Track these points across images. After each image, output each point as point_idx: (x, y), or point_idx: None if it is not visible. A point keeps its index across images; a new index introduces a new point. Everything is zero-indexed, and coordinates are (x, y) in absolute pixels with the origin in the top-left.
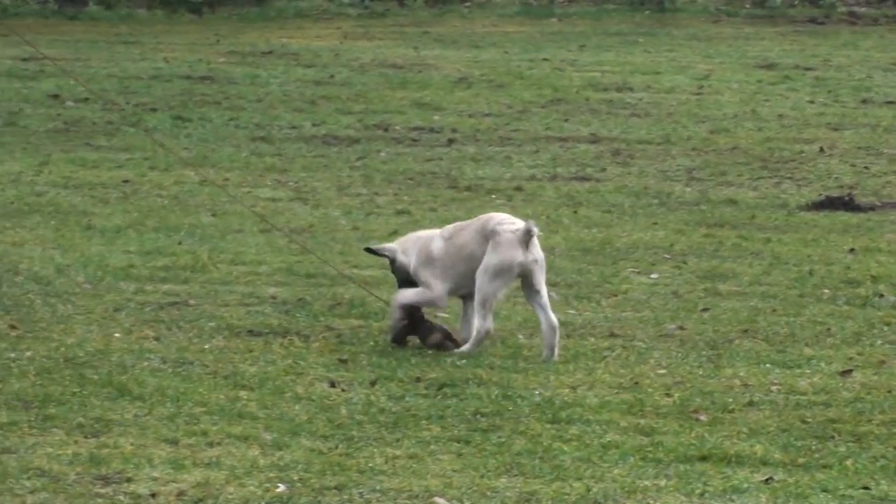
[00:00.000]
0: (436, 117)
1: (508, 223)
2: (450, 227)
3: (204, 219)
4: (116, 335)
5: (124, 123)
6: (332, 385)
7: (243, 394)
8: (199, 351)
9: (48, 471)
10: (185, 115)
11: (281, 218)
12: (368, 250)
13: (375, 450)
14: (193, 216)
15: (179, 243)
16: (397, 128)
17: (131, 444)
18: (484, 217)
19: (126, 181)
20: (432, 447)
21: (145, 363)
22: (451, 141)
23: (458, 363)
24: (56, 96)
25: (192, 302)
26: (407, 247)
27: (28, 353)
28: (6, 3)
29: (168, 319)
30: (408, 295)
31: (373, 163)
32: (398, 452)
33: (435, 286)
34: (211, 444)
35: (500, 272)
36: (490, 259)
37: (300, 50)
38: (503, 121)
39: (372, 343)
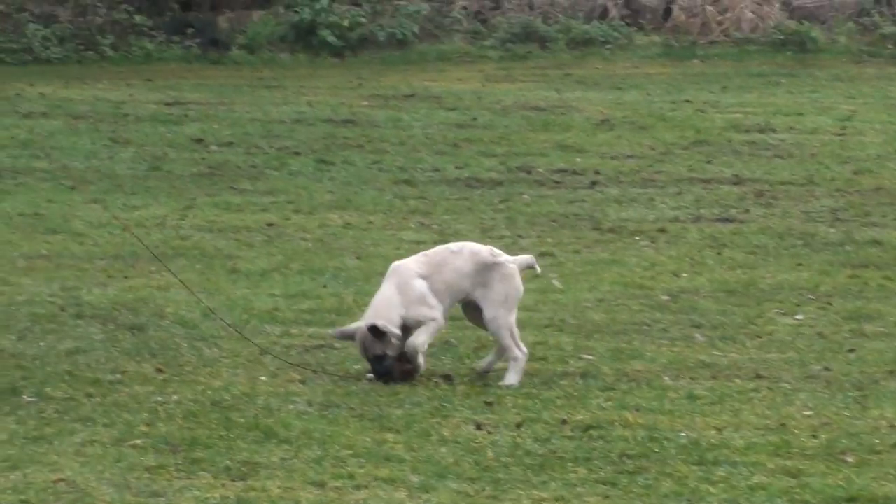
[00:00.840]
0: (578, 159)
1: (501, 254)
2: (419, 266)
3: (348, 261)
4: (262, 378)
5: (268, 167)
6: (479, 427)
7: (389, 436)
8: (345, 394)
9: None
10: (329, 158)
11: None
12: (374, 328)
13: (522, 492)
14: (338, 259)
15: (324, 286)
16: (540, 170)
17: (278, 487)
18: (466, 248)
19: (270, 224)
20: (578, 489)
21: (291, 406)
22: (593, 183)
23: (603, 405)
24: (200, 140)
25: (337, 345)
26: (391, 316)
27: (175, 397)
28: (150, 49)
29: (314, 362)
30: (423, 337)
31: (516, 205)
32: (545, 495)
33: (436, 313)
34: (358, 487)
35: (515, 302)
36: (505, 291)
37: (442, 93)
38: (646, 162)
39: (517, 385)
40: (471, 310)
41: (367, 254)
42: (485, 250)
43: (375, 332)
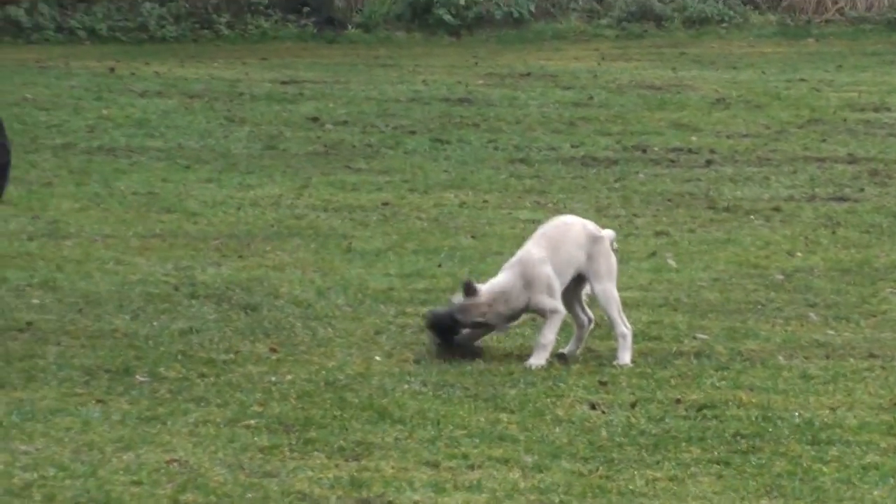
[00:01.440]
0: (693, 138)
1: (600, 229)
2: (541, 249)
3: (463, 241)
4: (377, 358)
5: (383, 146)
6: (593, 407)
7: (504, 416)
8: (459, 374)
9: (309, 494)
10: (444, 137)
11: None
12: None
13: (636, 472)
14: (453, 238)
15: (439, 266)
16: (655, 149)
17: (392, 468)
18: (576, 223)
19: (386, 204)
20: (692, 469)
21: (406, 386)
22: (709, 162)
23: (717, 385)
24: (315, 119)
25: None
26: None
27: (289, 377)
28: (266, 27)
29: (428, 342)
30: (551, 336)
31: (631, 184)
32: (658, 475)
33: (558, 303)
34: (472, 467)
35: (615, 277)
36: (608, 264)
37: (558, 71)
38: (761, 141)
39: (632, 365)
40: (569, 289)
41: (483, 233)
42: (589, 223)
43: (468, 289)
